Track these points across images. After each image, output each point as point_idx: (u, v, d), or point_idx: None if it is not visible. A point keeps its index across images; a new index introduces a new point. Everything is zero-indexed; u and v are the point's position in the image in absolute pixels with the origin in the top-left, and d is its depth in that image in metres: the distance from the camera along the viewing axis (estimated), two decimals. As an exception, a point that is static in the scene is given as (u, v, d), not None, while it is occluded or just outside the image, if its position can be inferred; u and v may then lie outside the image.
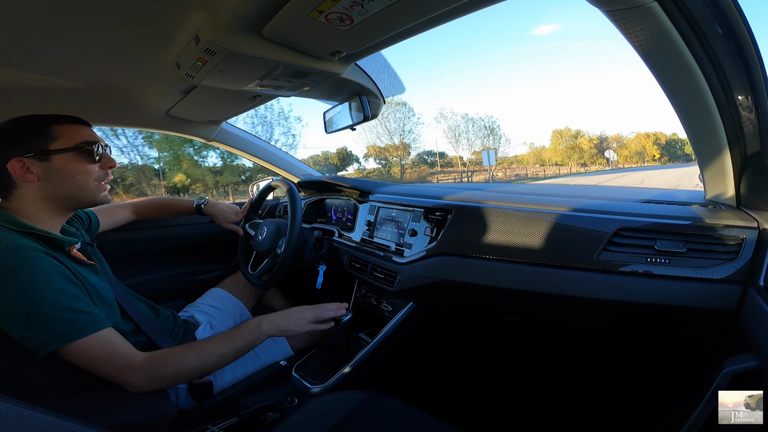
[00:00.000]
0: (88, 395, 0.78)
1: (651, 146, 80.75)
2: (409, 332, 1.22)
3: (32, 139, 0.82)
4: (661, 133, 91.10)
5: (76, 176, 0.87)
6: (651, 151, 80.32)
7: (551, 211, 0.95)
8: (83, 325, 0.76)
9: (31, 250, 0.76)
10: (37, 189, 0.84)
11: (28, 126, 0.84)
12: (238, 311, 1.44)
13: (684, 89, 0.72)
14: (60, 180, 0.86)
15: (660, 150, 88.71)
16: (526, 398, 1.33)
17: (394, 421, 0.75)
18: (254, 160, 1.95)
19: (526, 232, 0.95)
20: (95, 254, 1.01)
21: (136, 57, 0.97)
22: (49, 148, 0.84)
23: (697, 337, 0.94)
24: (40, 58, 0.91)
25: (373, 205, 1.40)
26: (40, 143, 0.83)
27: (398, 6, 0.69)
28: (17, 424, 0.37)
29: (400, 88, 1.41)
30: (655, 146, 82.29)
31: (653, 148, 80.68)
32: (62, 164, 0.85)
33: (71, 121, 0.89)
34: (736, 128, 0.74)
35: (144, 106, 1.37)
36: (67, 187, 0.87)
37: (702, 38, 0.63)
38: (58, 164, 0.85)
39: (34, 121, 0.85)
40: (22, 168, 0.81)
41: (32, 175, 0.83)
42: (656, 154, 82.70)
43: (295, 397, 1.05)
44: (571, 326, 1.12)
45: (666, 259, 0.80)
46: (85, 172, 0.88)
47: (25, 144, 0.82)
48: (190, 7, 0.76)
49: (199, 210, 1.50)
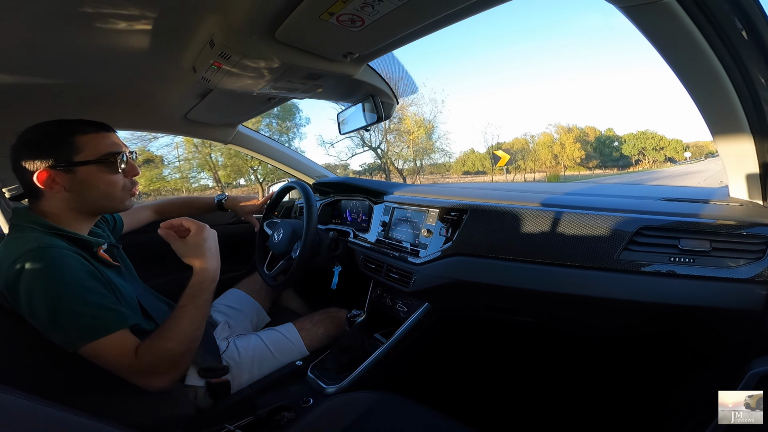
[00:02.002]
0: (109, 393, 0.80)
1: (571, 145, 56.16)
2: (424, 333, 1.21)
3: (57, 150, 0.83)
4: (592, 128, 70.00)
5: (101, 187, 0.87)
6: (571, 152, 55.96)
7: (569, 210, 0.93)
8: (111, 322, 0.78)
9: (60, 249, 0.78)
10: (63, 198, 0.85)
11: (52, 136, 0.84)
12: (255, 312, 1.46)
13: (705, 85, 0.70)
14: (86, 190, 0.86)
15: (590, 149, 66.07)
16: (541, 400, 1.31)
17: (408, 422, 0.75)
18: (270, 162, 1.98)
19: (544, 231, 0.93)
20: (120, 255, 1.04)
21: (154, 61, 0.99)
22: (73, 160, 0.83)
23: (722, 338, 0.91)
24: (60, 60, 0.93)
25: (388, 205, 1.40)
26: (65, 155, 0.83)
27: (409, 6, 0.69)
28: (39, 421, 0.38)
29: (413, 88, 1.40)
30: (577, 144, 57.97)
31: (574, 147, 56.13)
32: (87, 176, 0.85)
33: (95, 129, 0.88)
34: (761, 124, 0.71)
35: (162, 109, 1.40)
36: (93, 197, 0.87)
37: (721, 33, 0.61)
38: (83, 175, 0.85)
39: (58, 131, 0.84)
40: (49, 178, 0.82)
41: (58, 185, 0.84)
42: (578, 154, 57.14)
43: (311, 397, 1.06)
44: (589, 327, 1.09)
45: (690, 259, 0.78)
46: (111, 183, 0.88)
47: (50, 155, 0.82)
48: (203, 11, 0.77)
49: (220, 205, 1.52)
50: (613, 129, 75.50)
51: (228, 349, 1.13)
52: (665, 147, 74.04)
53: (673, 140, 74.22)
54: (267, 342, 1.18)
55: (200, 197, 1.56)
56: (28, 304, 0.74)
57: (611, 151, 71.66)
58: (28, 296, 0.73)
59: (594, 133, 71.03)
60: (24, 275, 0.73)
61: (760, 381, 0.69)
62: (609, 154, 70.99)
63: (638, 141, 73.77)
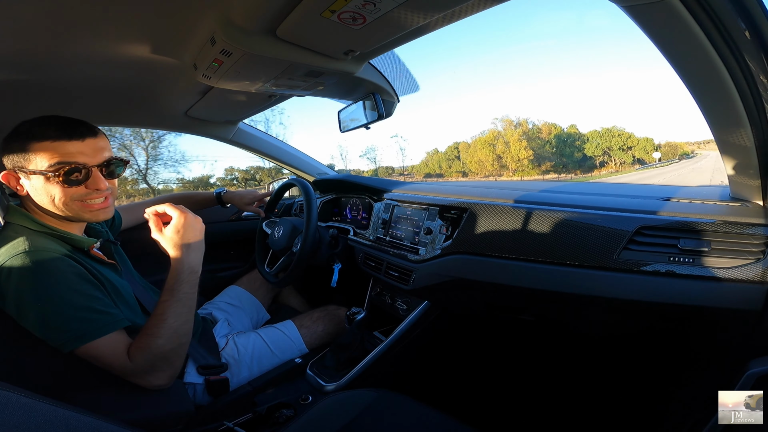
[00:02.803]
0: (110, 391, 0.80)
1: (516, 143, 48.60)
2: (423, 331, 1.22)
3: (15, 154, 0.81)
4: (553, 125, 60.81)
5: (54, 197, 0.82)
6: (516, 152, 48.01)
7: (570, 209, 0.93)
8: (100, 325, 0.77)
9: (49, 252, 0.77)
10: (29, 201, 0.84)
11: (17, 138, 0.81)
12: (255, 309, 1.46)
13: (707, 85, 0.69)
14: (41, 199, 0.83)
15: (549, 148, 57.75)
16: (540, 398, 1.31)
17: (406, 420, 0.75)
18: (270, 160, 1.97)
19: (544, 230, 0.93)
20: (117, 252, 1.04)
21: (155, 58, 0.98)
22: (25, 167, 0.80)
23: (721, 338, 0.91)
24: (61, 58, 0.93)
25: (388, 203, 1.40)
26: (20, 160, 0.81)
27: (410, 4, 0.68)
28: (41, 419, 0.38)
29: (414, 87, 1.40)
30: (522, 141, 50.97)
31: (519, 146, 48.47)
32: (39, 184, 0.81)
33: (55, 135, 0.80)
34: (763, 124, 0.71)
35: (163, 107, 1.40)
36: (50, 205, 0.83)
37: (723, 32, 0.61)
38: (36, 183, 0.81)
39: (23, 133, 0.81)
40: (13, 180, 0.82)
41: (21, 188, 0.83)
42: (524, 154, 49.88)
43: (309, 395, 1.06)
44: (589, 326, 1.09)
45: (690, 258, 0.78)
46: (61, 195, 0.82)
47: (11, 158, 0.81)
48: (205, 9, 0.77)
49: (219, 198, 1.53)
50: (576, 126, 66.33)
51: (227, 346, 1.13)
52: (634, 146, 65.86)
53: (643, 139, 66.93)
54: (266, 339, 1.19)
55: (200, 192, 1.56)
56: (17, 308, 0.74)
57: (573, 151, 63.10)
58: (17, 301, 0.73)
59: (554, 130, 61.58)
60: (12, 280, 0.73)
61: (758, 381, 0.69)
62: (570, 155, 62.87)
63: (603, 139, 64.62)
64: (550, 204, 0.98)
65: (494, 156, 46.79)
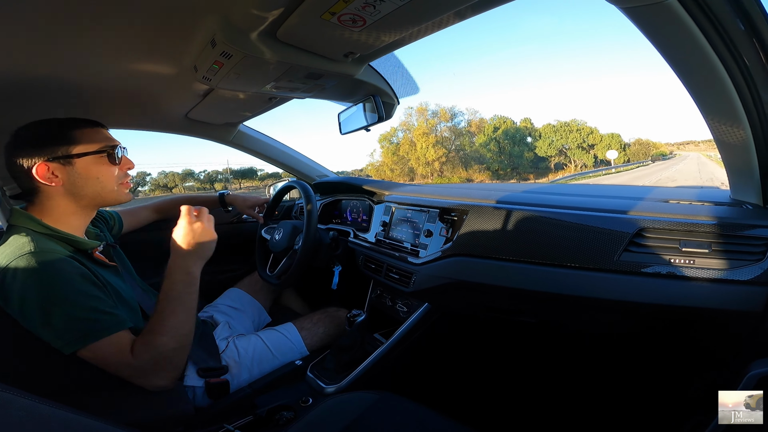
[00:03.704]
0: (110, 393, 0.80)
1: (422, 138, 37.72)
2: (423, 333, 1.21)
3: (55, 143, 0.84)
4: (502, 119, 49.14)
5: (99, 178, 0.89)
6: (423, 153, 38.01)
7: (570, 211, 0.93)
8: (105, 326, 0.78)
9: (54, 253, 0.78)
10: (61, 192, 0.86)
11: (50, 130, 0.86)
12: (256, 311, 1.46)
13: (707, 87, 0.69)
14: (84, 183, 0.88)
15: (495, 148, 46.73)
16: (540, 400, 1.31)
17: (407, 422, 0.75)
18: (270, 162, 1.97)
19: (544, 232, 0.93)
20: (118, 255, 1.04)
21: (155, 60, 0.99)
22: (71, 153, 0.86)
23: (722, 339, 0.91)
24: (61, 60, 0.93)
25: (388, 205, 1.40)
26: (63, 148, 0.85)
27: (410, 6, 0.69)
28: (42, 421, 0.38)
29: (414, 89, 1.40)
30: (431, 136, 39.82)
31: (426, 143, 37.48)
32: (85, 168, 0.87)
33: (90, 124, 0.91)
34: (762, 126, 0.71)
35: (163, 109, 1.40)
36: (91, 190, 0.89)
37: (723, 34, 0.61)
38: (81, 168, 0.87)
39: (55, 126, 0.87)
40: (47, 172, 0.84)
41: (57, 179, 0.85)
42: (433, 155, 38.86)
43: (310, 397, 1.06)
44: (589, 328, 1.09)
45: (690, 260, 0.77)
46: (107, 175, 0.91)
47: (48, 149, 0.84)
48: (205, 11, 0.77)
49: (222, 199, 1.54)
50: (530, 120, 54.36)
51: (228, 348, 1.13)
52: (596, 144, 53.63)
53: (608, 135, 55.41)
54: (267, 342, 1.18)
55: (202, 194, 1.57)
56: (21, 309, 0.74)
57: (523, 151, 50.93)
58: (21, 301, 0.73)
59: (504, 125, 49.02)
60: (17, 280, 0.73)
61: (759, 382, 0.69)
62: (520, 155, 50.67)
63: (558, 136, 52.93)
64: (550, 206, 0.98)
65: (395, 157, 36.38)
